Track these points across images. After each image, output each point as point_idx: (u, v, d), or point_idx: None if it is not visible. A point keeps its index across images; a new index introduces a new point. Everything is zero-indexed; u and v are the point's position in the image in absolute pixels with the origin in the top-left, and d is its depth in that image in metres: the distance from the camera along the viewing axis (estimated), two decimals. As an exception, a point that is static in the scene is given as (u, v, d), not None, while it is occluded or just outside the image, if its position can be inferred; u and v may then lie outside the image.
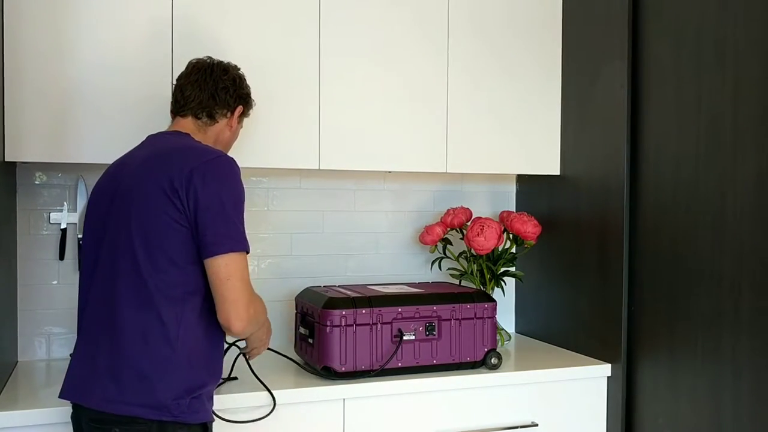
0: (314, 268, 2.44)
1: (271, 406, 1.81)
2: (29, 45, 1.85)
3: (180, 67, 1.92)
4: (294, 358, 2.07)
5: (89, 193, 2.17)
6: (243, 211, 1.54)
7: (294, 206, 2.43)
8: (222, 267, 1.48)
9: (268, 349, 1.90)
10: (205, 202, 1.48)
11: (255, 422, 1.79)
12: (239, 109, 1.76)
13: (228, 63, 1.76)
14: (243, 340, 1.82)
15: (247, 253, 1.54)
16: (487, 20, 2.31)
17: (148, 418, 1.46)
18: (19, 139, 1.85)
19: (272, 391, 1.81)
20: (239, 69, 1.79)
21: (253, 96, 1.83)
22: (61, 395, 1.53)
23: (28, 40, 1.85)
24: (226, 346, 1.95)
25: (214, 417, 1.61)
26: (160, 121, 1.94)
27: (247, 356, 1.81)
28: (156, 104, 1.95)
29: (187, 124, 1.69)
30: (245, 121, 1.85)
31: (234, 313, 1.50)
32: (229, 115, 1.73)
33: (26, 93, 1.85)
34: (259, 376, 1.86)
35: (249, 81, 1.83)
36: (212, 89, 1.69)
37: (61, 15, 1.88)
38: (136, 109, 1.94)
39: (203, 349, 1.54)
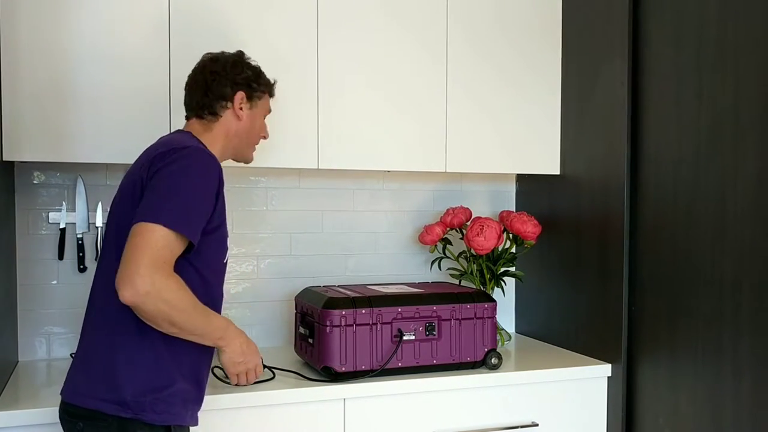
0: (314, 268, 2.44)
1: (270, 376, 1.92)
2: (26, 43, 1.85)
3: (177, 65, 1.93)
4: (293, 369, 2.06)
5: (87, 192, 2.18)
6: (191, 196, 1.43)
7: (293, 206, 2.42)
8: (133, 229, 1.39)
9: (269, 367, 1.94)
10: (150, 185, 1.44)
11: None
12: (239, 95, 1.65)
13: (224, 52, 1.69)
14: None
15: (185, 235, 1.41)
16: (487, 18, 2.31)
17: (108, 413, 1.43)
18: (17, 138, 1.85)
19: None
20: (242, 54, 1.70)
21: None
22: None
23: (24, 38, 1.85)
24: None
25: (193, 421, 1.55)
26: (160, 119, 1.94)
27: (231, 382, 1.69)
28: (154, 102, 1.94)
29: (193, 126, 1.67)
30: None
31: (125, 275, 1.35)
32: (229, 105, 1.65)
33: (24, 92, 1.85)
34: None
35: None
36: (204, 85, 1.64)
37: (58, 13, 1.87)
38: (135, 108, 1.93)
39: (176, 347, 1.48)
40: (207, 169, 1.48)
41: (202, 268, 1.52)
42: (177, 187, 1.43)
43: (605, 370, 2.17)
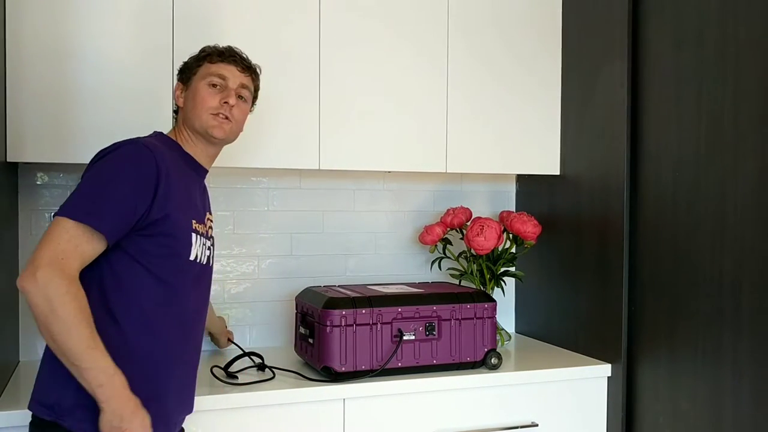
0: (314, 268, 2.45)
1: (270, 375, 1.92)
2: (31, 46, 1.86)
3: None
4: (293, 369, 2.06)
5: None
6: (103, 187, 1.39)
7: (294, 206, 2.43)
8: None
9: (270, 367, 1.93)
10: None
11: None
12: (175, 86, 1.69)
13: None
14: None
15: (91, 226, 1.35)
16: (488, 19, 2.31)
17: (40, 416, 1.42)
18: (20, 139, 1.85)
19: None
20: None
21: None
22: None
23: (29, 41, 1.85)
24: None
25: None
26: (162, 121, 1.94)
27: None
28: (158, 104, 1.95)
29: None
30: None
31: (26, 265, 1.31)
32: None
33: (28, 94, 1.86)
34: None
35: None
36: None
37: (62, 16, 1.88)
38: (138, 109, 1.94)
39: (109, 349, 1.35)
40: (132, 160, 1.41)
41: (160, 271, 1.45)
42: (90, 180, 1.41)
43: (605, 370, 2.17)
